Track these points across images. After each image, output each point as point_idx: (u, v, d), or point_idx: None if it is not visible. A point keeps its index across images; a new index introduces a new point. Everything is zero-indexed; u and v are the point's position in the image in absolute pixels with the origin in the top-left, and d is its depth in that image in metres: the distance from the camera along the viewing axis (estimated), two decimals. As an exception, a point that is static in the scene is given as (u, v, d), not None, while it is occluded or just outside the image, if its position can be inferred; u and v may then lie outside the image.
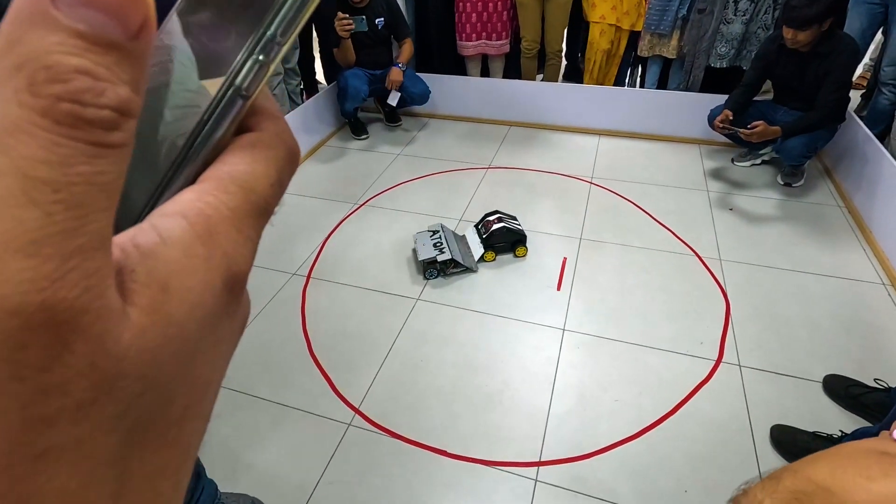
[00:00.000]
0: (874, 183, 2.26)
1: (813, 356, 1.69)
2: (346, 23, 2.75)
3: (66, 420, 0.09)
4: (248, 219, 0.13)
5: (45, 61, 0.09)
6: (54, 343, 0.09)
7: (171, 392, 0.11)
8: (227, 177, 0.13)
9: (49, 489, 0.09)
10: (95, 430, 0.10)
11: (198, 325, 0.12)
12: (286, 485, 1.39)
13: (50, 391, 0.09)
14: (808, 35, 2.15)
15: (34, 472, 0.09)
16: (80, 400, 0.09)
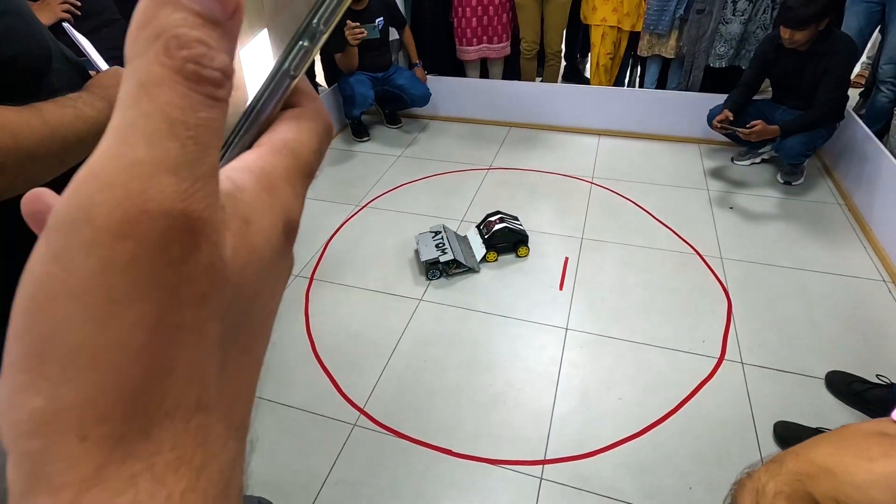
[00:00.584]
0: (874, 181, 2.28)
1: (815, 353, 1.70)
2: (358, 31, 2.74)
3: (193, 304, 0.12)
4: (297, 178, 0.16)
5: (175, 32, 0.11)
6: (189, 242, 0.12)
7: (252, 306, 0.14)
8: (280, 143, 0.16)
9: (180, 356, 0.12)
10: (210, 318, 0.12)
11: (269, 256, 0.14)
12: (292, 485, 1.40)
13: (186, 279, 0.12)
14: (805, 34, 2.16)
15: (172, 340, 0.12)
16: (202, 291, 0.12)
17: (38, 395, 0.11)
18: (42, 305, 0.11)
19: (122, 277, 0.11)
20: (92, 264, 0.11)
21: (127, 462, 0.11)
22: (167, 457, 0.12)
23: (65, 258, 0.11)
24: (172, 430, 0.12)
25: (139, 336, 0.11)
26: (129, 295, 0.11)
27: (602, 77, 3.28)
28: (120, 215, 0.11)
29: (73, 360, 0.11)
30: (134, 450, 0.11)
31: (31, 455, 0.11)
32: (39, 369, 0.11)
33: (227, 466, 0.13)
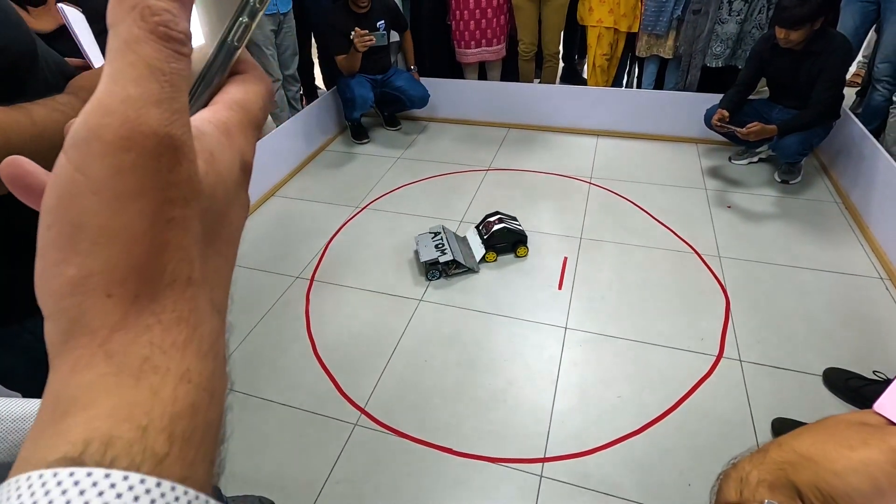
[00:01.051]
0: (870, 179, 2.29)
1: (812, 350, 1.71)
2: (367, 39, 2.76)
3: (180, 204, 0.16)
4: (248, 128, 0.20)
5: (147, 3, 0.15)
6: (173, 157, 0.15)
7: (222, 219, 0.18)
8: (230, 101, 0.20)
9: (173, 241, 0.16)
10: (192, 217, 0.16)
11: (232, 184, 0.19)
12: (294, 484, 1.41)
13: (173, 184, 0.16)
14: (800, 34, 2.18)
15: (166, 229, 0.16)
16: (185, 195, 0.16)
17: (71, 265, 0.15)
18: (69, 201, 0.15)
19: (126, 179, 0.15)
20: (104, 169, 0.15)
21: (142, 315, 0.15)
22: (171, 315, 0.16)
23: (83, 166, 0.15)
24: (172, 296, 0.16)
25: (142, 223, 0.15)
26: (132, 192, 0.15)
27: (598, 78, 3.30)
28: (122, 133, 0.15)
29: (97, 239, 0.15)
30: (146, 307, 0.15)
31: (69, 311, 0.15)
32: (71, 247, 0.15)
33: (212, 332, 0.17)
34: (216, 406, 0.16)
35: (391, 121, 3.45)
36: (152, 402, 0.14)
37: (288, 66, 3.15)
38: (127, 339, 0.15)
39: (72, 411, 0.14)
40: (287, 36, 3.03)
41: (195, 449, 0.15)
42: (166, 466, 0.14)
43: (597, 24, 3.13)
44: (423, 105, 3.20)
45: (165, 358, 0.15)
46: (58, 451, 0.13)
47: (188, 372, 0.15)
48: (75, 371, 0.15)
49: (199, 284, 0.17)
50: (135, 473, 0.13)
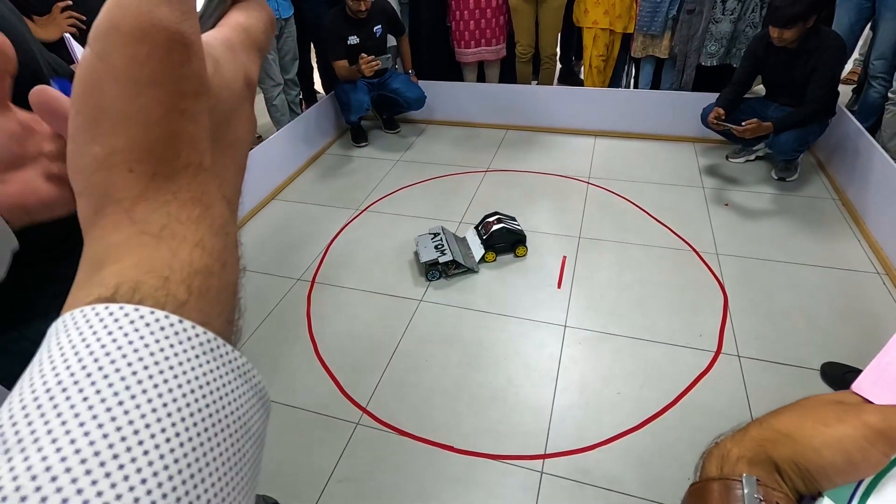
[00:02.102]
0: (866, 175, 2.30)
1: (810, 345, 1.72)
2: (374, 63, 2.82)
3: (191, 97, 0.17)
4: (251, 48, 0.22)
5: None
6: (184, 53, 0.17)
7: (227, 122, 0.20)
8: (235, 24, 0.22)
9: (186, 130, 0.17)
10: (202, 111, 0.18)
11: (236, 93, 0.20)
12: (297, 484, 1.42)
13: (184, 78, 0.17)
14: (793, 33, 2.20)
15: (180, 118, 0.17)
16: (195, 89, 0.18)
17: (97, 145, 0.17)
18: (94, 87, 0.17)
19: (143, 68, 0.16)
20: (122, 58, 0.16)
21: (160, 191, 0.17)
22: (185, 194, 0.18)
23: (104, 55, 0.16)
24: (186, 178, 0.18)
25: (157, 109, 0.17)
26: (148, 80, 0.16)
27: (595, 79, 3.32)
28: (137, 26, 0.16)
29: (118, 121, 0.17)
30: (164, 185, 0.17)
31: (97, 185, 0.17)
32: (96, 129, 0.17)
33: (222, 215, 0.19)
34: (228, 275, 0.18)
35: (390, 124, 3.47)
36: (172, 259, 0.16)
37: (288, 70, 3.17)
38: (148, 209, 0.17)
39: (103, 266, 0.16)
40: (288, 41, 3.05)
41: (211, 303, 0.17)
42: (186, 310, 0.16)
43: (592, 25, 3.15)
44: (419, 106, 3.22)
45: (182, 227, 0.17)
46: (93, 294, 0.15)
47: (202, 241, 0.17)
48: (105, 235, 0.17)
49: (209, 173, 0.19)
50: (160, 311, 0.15)
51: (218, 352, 0.16)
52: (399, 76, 3.23)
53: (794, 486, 0.28)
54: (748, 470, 0.28)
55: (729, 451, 0.30)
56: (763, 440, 0.30)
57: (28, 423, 0.13)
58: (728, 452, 0.30)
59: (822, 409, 0.30)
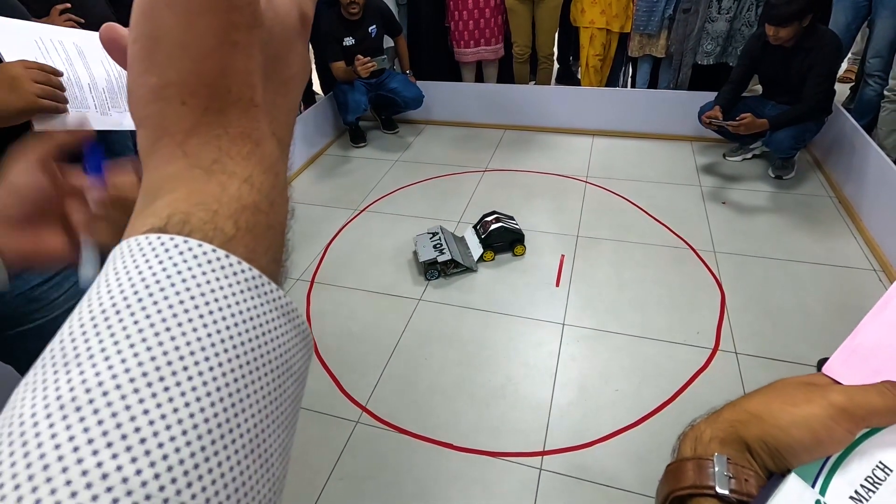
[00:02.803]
0: (863, 173, 2.31)
1: (807, 341, 1.73)
2: (370, 65, 2.82)
3: (244, 29, 0.18)
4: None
5: None
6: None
7: (280, 58, 0.20)
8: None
9: (238, 64, 0.18)
10: (254, 44, 0.18)
11: (290, 28, 0.20)
12: (297, 482, 1.43)
13: (235, 7, 0.17)
14: (789, 31, 2.21)
15: (231, 52, 0.17)
16: (247, 20, 0.18)
17: (153, 75, 0.17)
18: (149, 15, 0.17)
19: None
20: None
21: (212, 125, 0.17)
22: (236, 129, 0.18)
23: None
24: (237, 113, 0.18)
25: (210, 40, 0.17)
26: (201, 8, 0.17)
27: (592, 78, 3.33)
28: None
29: (172, 52, 0.17)
30: (215, 119, 0.17)
31: (153, 116, 0.17)
32: (151, 59, 0.17)
33: (272, 153, 0.19)
34: (276, 214, 0.18)
35: (388, 124, 3.48)
36: (221, 193, 0.17)
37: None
38: (200, 142, 0.17)
39: (158, 196, 0.17)
40: None
41: (257, 240, 0.17)
42: (232, 245, 0.16)
43: (589, 25, 3.16)
44: (417, 106, 3.23)
45: (232, 163, 0.17)
46: (147, 224, 0.16)
47: (251, 177, 0.18)
48: (159, 166, 0.17)
49: (261, 108, 0.19)
50: (208, 244, 0.16)
51: (262, 289, 0.16)
52: (397, 76, 3.24)
53: (765, 463, 0.29)
54: (720, 450, 0.29)
55: (702, 432, 0.31)
56: (734, 421, 0.30)
57: (85, 339, 0.14)
58: (702, 434, 0.31)
59: (791, 390, 0.31)
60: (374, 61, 2.83)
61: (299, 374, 0.18)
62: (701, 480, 0.28)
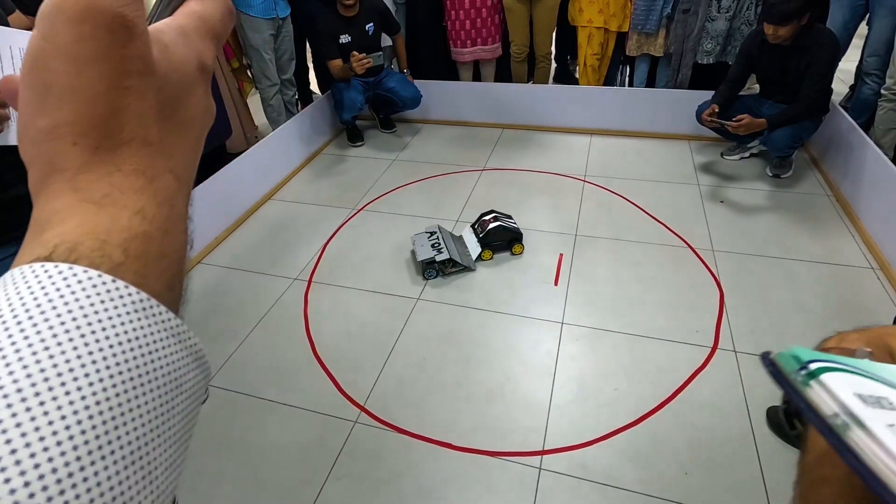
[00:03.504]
0: (860, 171, 2.32)
1: (805, 339, 1.73)
2: (366, 62, 2.81)
3: (135, 75, 0.18)
4: (206, 35, 0.23)
5: None
6: (127, 34, 0.18)
7: (177, 102, 0.21)
8: (190, 11, 0.23)
9: (131, 106, 0.18)
10: (147, 88, 0.19)
11: (187, 76, 0.21)
12: (296, 481, 1.42)
13: (127, 57, 0.18)
14: (788, 30, 2.21)
15: (124, 94, 0.18)
16: (139, 68, 0.18)
17: (44, 117, 0.18)
18: (41, 64, 0.18)
19: (86, 46, 0.17)
20: (67, 36, 0.17)
21: (103, 163, 0.18)
22: (128, 167, 0.18)
23: (50, 35, 0.17)
24: (130, 151, 0.19)
25: (101, 85, 0.18)
26: (92, 57, 0.17)
27: (590, 77, 3.33)
28: (80, 7, 0.17)
29: (62, 96, 0.18)
30: (107, 157, 0.18)
31: (43, 155, 0.18)
32: (43, 102, 0.18)
33: (168, 188, 0.20)
34: (171, 243, 0.19)
35: (386, 123, 3.47)
36: (111, 224, 0.17)
37: (285, 70, 3.17)
38: (91, 178, 0.18)
39: (46, 228, 0.17)
40: (285, 40, 3.05)
41: (149, 266, 0.18)
42: (121, 271, 0.17)
43: (587, 24, 3.16)
44: (415, 106, 3.22)
45: (123, 197, 0.18)
46: (33, 254, 0.16)
47: (143, 209, 0.18)
48: (49, 201, 0.18)
49: (156, 147, 0.19)
50: (93, 270, 0.16)
51: (150, 311, 0.17)
52: (394, 75, 3.23)
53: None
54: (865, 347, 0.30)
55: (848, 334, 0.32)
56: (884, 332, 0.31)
57: None
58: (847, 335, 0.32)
59: None
60: (370, 58, 2.81)
61: (192, 392, 0.18)
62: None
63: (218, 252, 2.40)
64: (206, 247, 2.39)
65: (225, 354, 1.83)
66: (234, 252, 2.39)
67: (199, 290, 2.16)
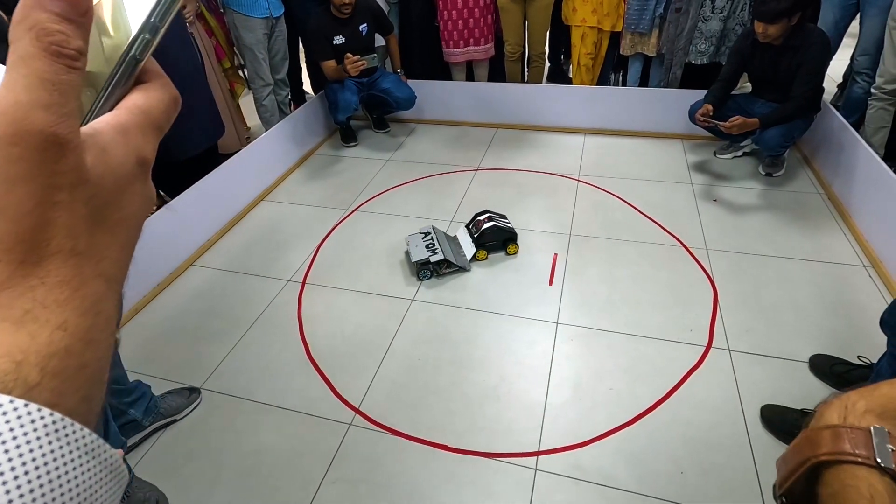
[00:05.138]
0: (851, 169, 2.33)
1: (799, 337, 1.74)
2: (360, 63, 2.80)
3: (66, 190, 0.18)
4: (148, 129, 0.23)
5: (43, 25, 0.18)
6: (58, 151, 0.18)
7: (111, 204, 0.21)
8: (132, 105, 0.23)
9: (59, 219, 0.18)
10: (77, 200, 0.19)
11: (123, 176, 0.21)
12: (290, 485, 1.41)
13: (58, 173, 0.18)
14: (778, 29, 2.22)
15: (52, 209, 0.18)
16: (70, 182, 0.19)
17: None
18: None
19: (15, 167, 0.17)
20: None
21: (27, 278, 0.18)
22: (54, 279, 0.18)
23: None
24: (56, 263, 0.19)
25: (29, 203, 0.18)
26: (20, 177, 0.18)
27: (584, 77, 3.34)
28: (11, 130, 0.17)
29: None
30: (31, 271, 0.18)
31: None
32: None
33: (95, 293, 0.20)
34: (92, 353, 0.19)
35: (380, 123, 3.46)
36: (29, 343, 0.17)
37: (279, 70, 3.15)
38: (13, 295, 0.18)
39: None
40: (278, 40, 3.03)
41: (66, 382, 0.18)
42: (35, 392, 0.17)
43: (580, 23, 3.16)
44: (409, 106, 3.21)
45: (46, 311, 0.18)
46: None
47: (65, 323, 0.18)
48: None
49: (84, 255, 0.20)
50: (4, 395, 0.16)
51: (64, 431, 0.17)
52: (388, 76, 3.21)
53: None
54: (877, 422, 0.27)
55: (855, 402, 0.29)
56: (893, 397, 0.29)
57: None
58: (854, 404, 0.29)
59: None
60: (364, 59, 2.81)
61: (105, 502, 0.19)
62: (858, 449, 0.27)
63: (210, 254, 2.38)
64: (199, 249, 2.37)
65: (218, 357, 1.81)
66: (227, 254, 2.37)
67: (191, 293, 2.14)
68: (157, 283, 2.16)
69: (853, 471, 0.26)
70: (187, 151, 2.44)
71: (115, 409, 1.40)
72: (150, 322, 2.01)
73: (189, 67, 2.40)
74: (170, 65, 2.14)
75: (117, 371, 1.40)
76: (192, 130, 2.43)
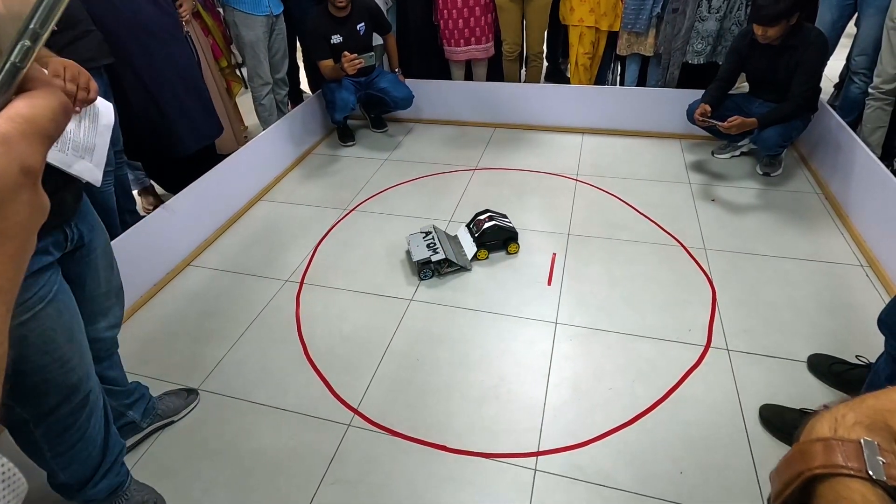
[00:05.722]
0: (848, 169, 2.34)
1: (797, 337, 1.74)
2: (358, 62, 2.78)
3: None
4: (33, 137, 0.22)
5: None
6: None
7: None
8: (14, 113, 0.22)
9: None
10: None
11: (8, 184, 0.21)
12: (288, 486, 1.40)
13: None
14: (777, 30, 2.22)
15: None
16: None
17: None
18: None
19: None
20: None
21: None
22: None
23: None
24: None
25: None
26: None
27: (581, 76, 3.34)
28: None
29: None
30: None
31: None
32: None
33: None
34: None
35: (377, 123, 3.45)
36: None
37: (278, 69, 3.14)
38: None
39: None
40: (278, 38, 3.02)
41: None
42: None
43: (578, 23, 3.16)
44: (407, 106, 3.20)
45: None
46: None
47: None
48: None
49: None
50: None
51: None
52: (386, 75, 3.21)
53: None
54: (866, 434, 0.28)
55: (844, 415, 0.29)
56: (882, 409, 0.29)
57: None
58: (843, 416, 0.29)
59: None
60: (362, 58, 2.79)
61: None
62: (850, 462, 0.27)
63: (208, 254, 2.37)
64: (196, 248, 2.36)
65: (215, 358, 1.80)
66: (225, 253, 2.36)
67: (189, 293, 2.13)
68: (154, 284, 2.15)
69: (847, 483, 0.26)
70: (186, 149, 2.43)
71: (115, 410, 1.39)
72: (148, 322, 2.00)
73: (185, 66, 2.39)
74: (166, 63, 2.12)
75: (116, 372, 1.39)
76: (188, 129, 2.41)
